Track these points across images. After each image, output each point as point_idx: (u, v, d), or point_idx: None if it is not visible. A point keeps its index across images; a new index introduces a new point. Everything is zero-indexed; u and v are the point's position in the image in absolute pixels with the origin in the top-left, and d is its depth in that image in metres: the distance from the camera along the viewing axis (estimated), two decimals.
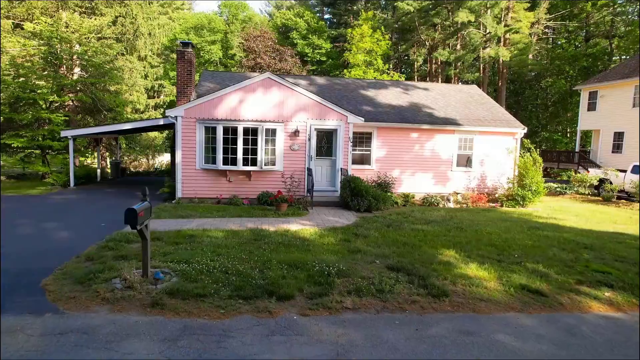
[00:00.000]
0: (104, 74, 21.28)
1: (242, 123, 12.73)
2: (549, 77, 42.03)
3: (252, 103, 12.98)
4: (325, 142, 13.90)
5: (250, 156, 12.87)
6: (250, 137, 12.83)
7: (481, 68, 41.31)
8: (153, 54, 32.21)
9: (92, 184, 17.81)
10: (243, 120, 12.88)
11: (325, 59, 46.48)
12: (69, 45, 20.99)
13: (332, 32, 48.65)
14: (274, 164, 13.22)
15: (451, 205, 14.59)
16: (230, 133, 12.74)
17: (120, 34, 24.88)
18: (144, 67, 32.63)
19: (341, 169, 13.61)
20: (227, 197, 13.00)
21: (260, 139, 12.81)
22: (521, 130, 16.15)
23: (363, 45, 40.08)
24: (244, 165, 12.81)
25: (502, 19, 37.31)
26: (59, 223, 9.73)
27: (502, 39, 37.64)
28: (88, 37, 22.63)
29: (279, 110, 13.19)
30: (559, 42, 47.09)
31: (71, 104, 23.36)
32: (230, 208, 11.91)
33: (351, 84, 18.62)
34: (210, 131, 12.82)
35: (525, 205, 14.74)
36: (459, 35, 42.70)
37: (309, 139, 13.46)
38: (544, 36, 44.73)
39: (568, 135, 42.91)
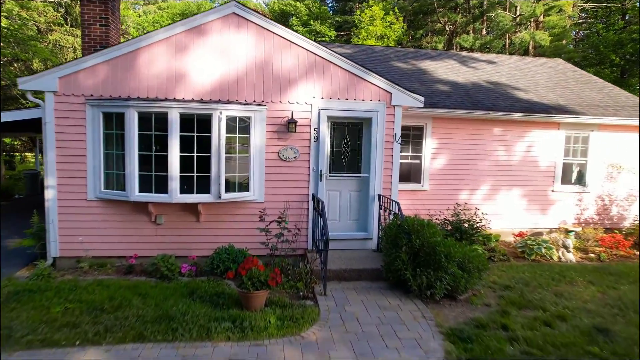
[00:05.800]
0: (19, 46, 14.73)
1: (179, 105, 6.17)
2: (589, 66, 35.80)
3: (201, 65, 6.47)
4: (348, 144, 7.36)
5: (196, 174, 6.33)
6: (196, 134, 6.27)
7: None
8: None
9: None
10: (181, 100, 6.38)
11: None
12: None
13: (337, 18, 42.71)
14: (245, 189, 6.66)
15: (571, 256, 8.08)
16: (156, 126, 6.20)
17: None
18: None
19: (379, 195, 7.09)
20: (151, 255, 6.45)
21: (216, 138, 6.26)
22: None
23: (374, 29, 33.89)
24: (183, 192, 6.26)
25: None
26: None
27: (534, 22, 31.61)
28: None
29: (255, 79, 6.66)
30: (594, 29, 40.90)
31: None
32: (137, 296, 5.29)
33: (380, 53, 12.02)
34: (116, 123, 6.27)
35: None
36: (484, 18, 36.61)
37: (316, 138, 6.92)
38: (580, 20, 38.55)
39: None
